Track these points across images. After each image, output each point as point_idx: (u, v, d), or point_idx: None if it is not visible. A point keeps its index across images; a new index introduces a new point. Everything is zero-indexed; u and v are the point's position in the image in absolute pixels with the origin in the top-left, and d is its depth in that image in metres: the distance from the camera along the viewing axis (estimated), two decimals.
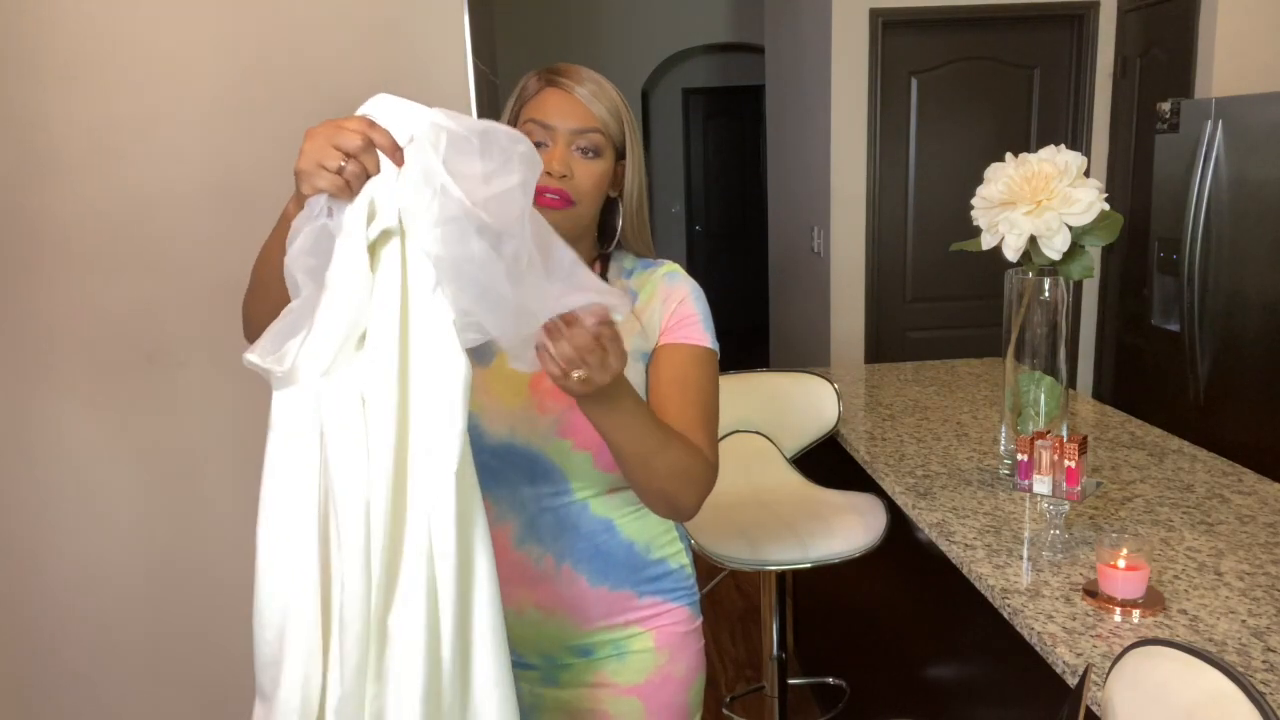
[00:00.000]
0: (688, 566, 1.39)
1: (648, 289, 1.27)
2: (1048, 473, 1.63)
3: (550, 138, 1.19)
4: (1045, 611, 1.42)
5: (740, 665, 3.09)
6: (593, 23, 6.75)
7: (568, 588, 1.25)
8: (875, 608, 2.45)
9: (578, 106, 1.19)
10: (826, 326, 4.16)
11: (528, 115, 1.21)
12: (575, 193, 1.19)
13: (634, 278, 1.29)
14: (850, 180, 4.02)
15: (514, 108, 1.24)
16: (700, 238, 8.12)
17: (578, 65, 1.24)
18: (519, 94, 1.25)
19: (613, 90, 1.24)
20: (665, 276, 1.28)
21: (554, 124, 1.19)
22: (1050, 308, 1.82)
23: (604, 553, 1.26)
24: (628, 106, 1.25)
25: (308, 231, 0.89)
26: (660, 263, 1.31)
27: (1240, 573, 1.52)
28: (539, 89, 1.22)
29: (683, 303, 1.25)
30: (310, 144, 0.88)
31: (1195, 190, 3.10)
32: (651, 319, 1.25)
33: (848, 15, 3.87)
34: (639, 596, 1.29)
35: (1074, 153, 1.70)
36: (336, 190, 0.88)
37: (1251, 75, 3.29)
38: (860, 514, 2.08)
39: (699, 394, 1.21)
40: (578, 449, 1.20)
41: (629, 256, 1.32)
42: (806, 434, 2.36)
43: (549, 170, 1.15)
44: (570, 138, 1.19)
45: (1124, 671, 1.09)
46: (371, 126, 0.88)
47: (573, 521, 1.24)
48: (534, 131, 1.19)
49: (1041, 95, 4.05)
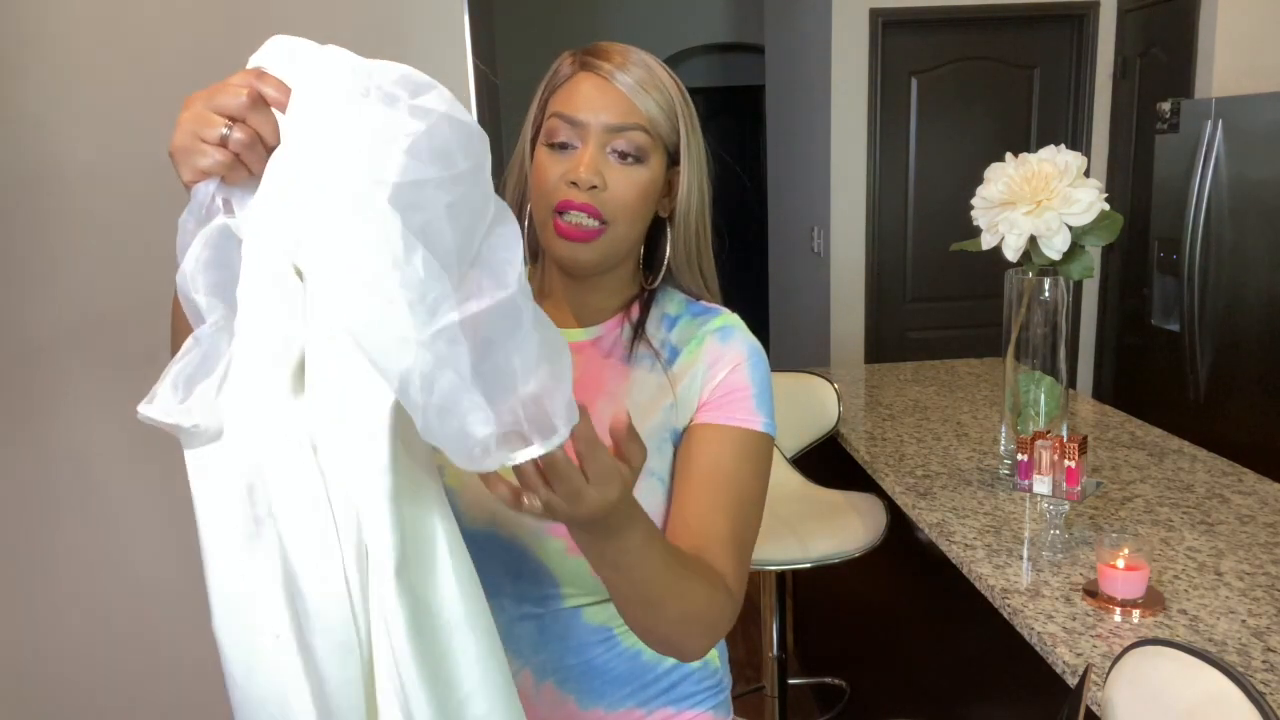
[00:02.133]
0: (714, 659, 1.09)
1: (692, 345, 1.00)
2: (1048, 473, 1.63)
3: (579, 136, 0.93)
4: (1045, 611, 1.42)
5: (740, 665, 3.09)
6: (593, 23, 6.75)
7: (550, 710, 0.99)
8: (875, 608, 2.45)
9: (617, 98, 0.93)
10: (826, 326, 4.16)
11: (554, 108, 0.95)
12: (608, 209, 0.93)
13: (677, 329, 1.02)
14: (850, 180, 4.02)
15: (542, 96, 0.99)
16: None
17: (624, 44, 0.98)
18: (549, 78, 0.99)
19: (666, 77, 0.97)
20: (718, 333, 1.00)
21: (584, 118, 0.93)
22: (1050, 308, 1.82)
23: (598, 668, 1.00)
24: (687, 99, 0.98)
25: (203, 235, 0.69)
26: (715, 310, 1.03)
27: (1240, 573, 1.52)
28: (571, 74, 0.96)
29: (736, 370, 0.98)
30: (186, 113, 0.67)
31: (1195, 190, 3.11)
32: (691, 386, 0.98)
33: (848, 15, 3.87)
34: (646, 714, 1.02)
35: (1074, 153, 1.70)
36: (225, 170, 0.66)
37: (1251, 75, 3.29)
38: (860, 514, 2.08)
39: (736, 495, 0.94)
40: (571, 553, 0.91)
41: (676, 298, 1.04)
42: (806, 434, 2.36)
43: (574, 180, 0.92)
44: (604, 136, 0.93)
45: (1124, 671, 1.09)
46: (261, 77, 0.67)
47: (560, 631, 0.98)
48: (559, 129, 0.94)
49: (1041, 95, 4.05)
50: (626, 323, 1.03)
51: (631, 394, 0.99)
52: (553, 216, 0.94)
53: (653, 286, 1.03)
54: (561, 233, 0.94)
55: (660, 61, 0.97)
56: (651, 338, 1.01)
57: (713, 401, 0.97)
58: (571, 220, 0.93)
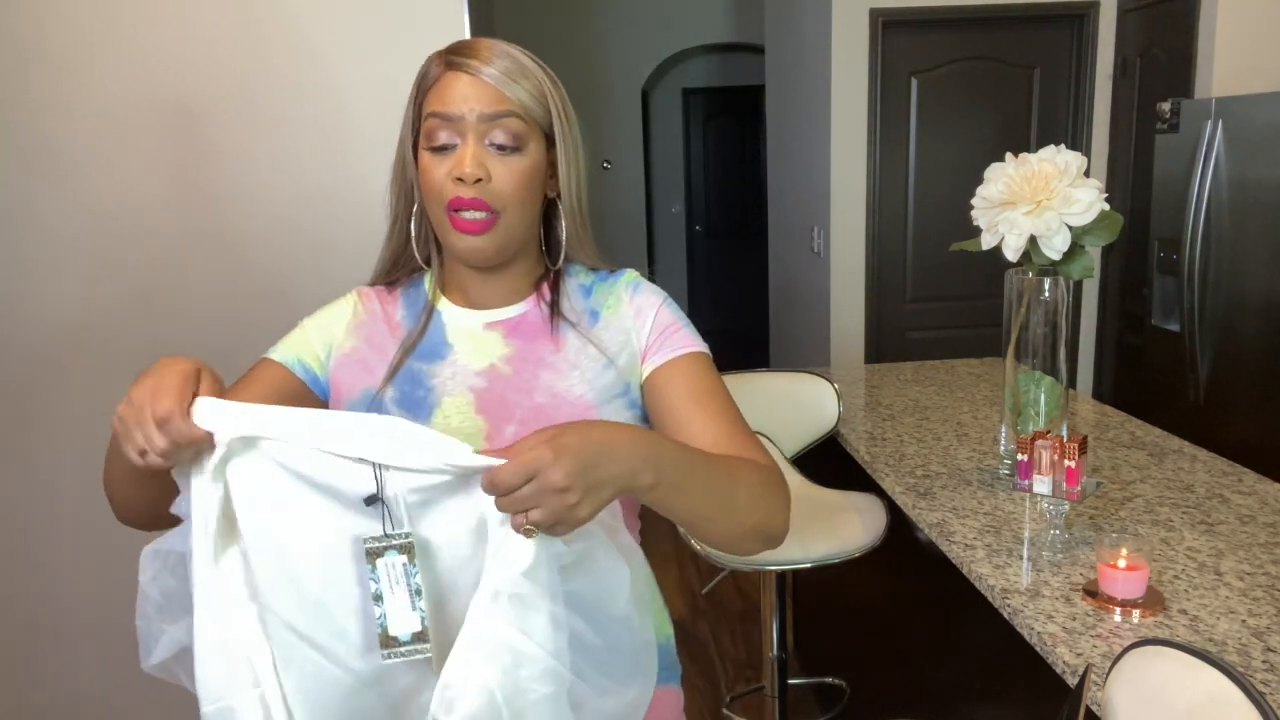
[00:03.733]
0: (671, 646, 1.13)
1: (611, 303, 1.09)
2: (1048, 473, 1.63)
3: (457, 133, 0.98)
4: (1045, 611, 1.42)
5: (740, 665, 3.10)
6: (593, 23, 6.74)
7: None
8: (875, 608, 2.45)
9: (487, 89, 0.98)
10: (826, 326, 4.16)
11: (429, 108, 0.99)
12: (496, 200, 0.98)
13: (594, 295, 1.10)
14: (850, 180, 4.02)
15: (415, 99, 1.02)
16: (700, 238, 8.11)
17: (488, 39, 1.02)
18: (419, 81, 1.02)
19: (532, 63, 1.01)
20: (629, 287, 1.10)
21: (458, 113, 0.97)
22: (1050, 308, 1.82)
23: None
24: (556, 83, 1.03)
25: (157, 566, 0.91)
26: (620, 271, 1.12)
27: (1240, 573, 1.52)
28: (440, 74, 1.00)
29: (659, 312, 1.08)
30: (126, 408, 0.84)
31: (1195, 190, 3.10)
32: (627, 340, 1.06)
33: (848, 15, 3.87)
34: None
35: (1074, 153, 1.69)
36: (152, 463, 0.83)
37: (1251, 75, 3.29)
38: (860, 514, 2.08)
39: (720, 401, 1.03)
40: None
41: (583, 270, 1.12)
42: (806, 434, 2.36)
43: (459, 175, 0.97)
44: (481, 129, 0.97)
45: (1124, 671, 1.09)
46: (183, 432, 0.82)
47: None
48: (437, 130, 0.98)
49: (1041, 95, 4.05)
50: (542, 302, 1.09)
51: (570, 361, 1.05)
52: (447, 214, 0.99)
53: (556, 267, 1.10)
54: (457, 227, 0.99)
55: (525, 50, 1.01)
56: (571, 310, 1.09)
57: (654, 344, 1.06)
58: (465, 216, 0.98)
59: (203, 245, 2.17)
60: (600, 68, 6.81)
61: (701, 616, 3.47)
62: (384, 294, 1.13)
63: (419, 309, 1.10)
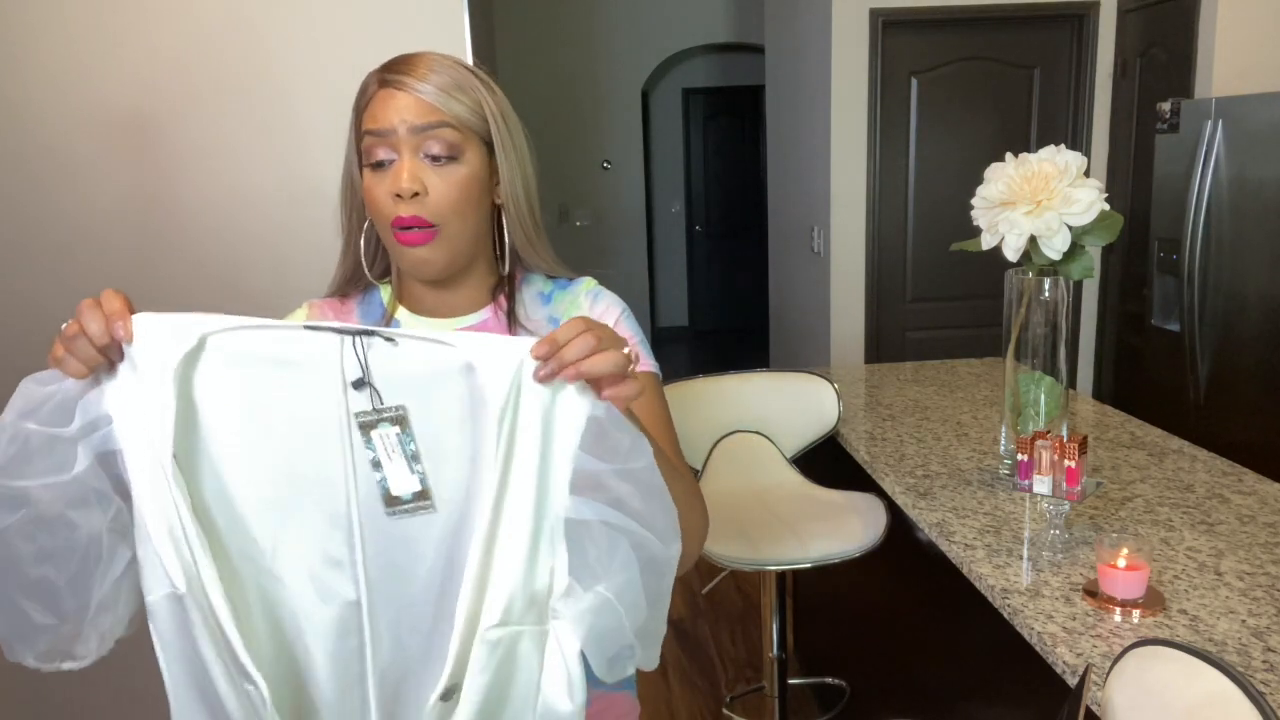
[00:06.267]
0: None
1: (570, 312, 1.09)
2: (1048, 473, 1.63)
3: (392, 148, 0.98)
4: (1045, 611, 1.42)
5: (740, 665, 3.10)
6: (593, 23, 6.75)
7: None
8: (875, 608, 2.45)
9: (416, 102, 0.98)
10: (826, 326, 4.16)
11: (365, 126, 1.00)
12: (435, 213, 0.98)
13: (554, 302, 1.10)
14: (850, 180, 4.02)
15: (354, 119, 1.03)
16: (700, 238, 8.11)
17: (422, 53, 1.01)
18: (357, 101, 1.03)
19: (466, 72, 1.01)
20: (588, 295, 1.10)
21: (389, 127, 0.97)
22: (1050, 308, 1.82)
23: None
24: (493, 88, 1.02)
25: None
26: (579, 280, 1.12)
27: (1240, 573, 1.52)
28: (375, 92, 1.01)
29: (617, 325, 1.07)
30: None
31: (1195, 190, 3.11)
32: None
33: (848, 15, 3.87)
34: None
35: (1074, 153, 1.70)
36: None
37: (1251, 75, 3.29)
38: (860, 514, 2.08)
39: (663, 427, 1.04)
40: None
41: (541, 278, 1.12)
42: (806, 434, 2.36)
43: (397, 191, 0.97)
44: (414, 141, 0.97)
45: (1124, 671, 1.09)
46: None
47: None
48: (374, 148, 0.98)
49: (1041, 95, 4.05)
50: (500, 310, 1.10)
51: None
52: (392, 231, 1.00)
53: (506, 273, 1.09)
54: (402, 241, 0.99)
55: (458, 60, 1.01)
56: (529, 318, 1.08)
57: None
58: (408, 233, 0.99)
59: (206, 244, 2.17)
60: (600, 68, 6.81)
61: (701, 616, 3.47)
62: (337, 305, 1.13)
63: (377, 319, 1.11)
